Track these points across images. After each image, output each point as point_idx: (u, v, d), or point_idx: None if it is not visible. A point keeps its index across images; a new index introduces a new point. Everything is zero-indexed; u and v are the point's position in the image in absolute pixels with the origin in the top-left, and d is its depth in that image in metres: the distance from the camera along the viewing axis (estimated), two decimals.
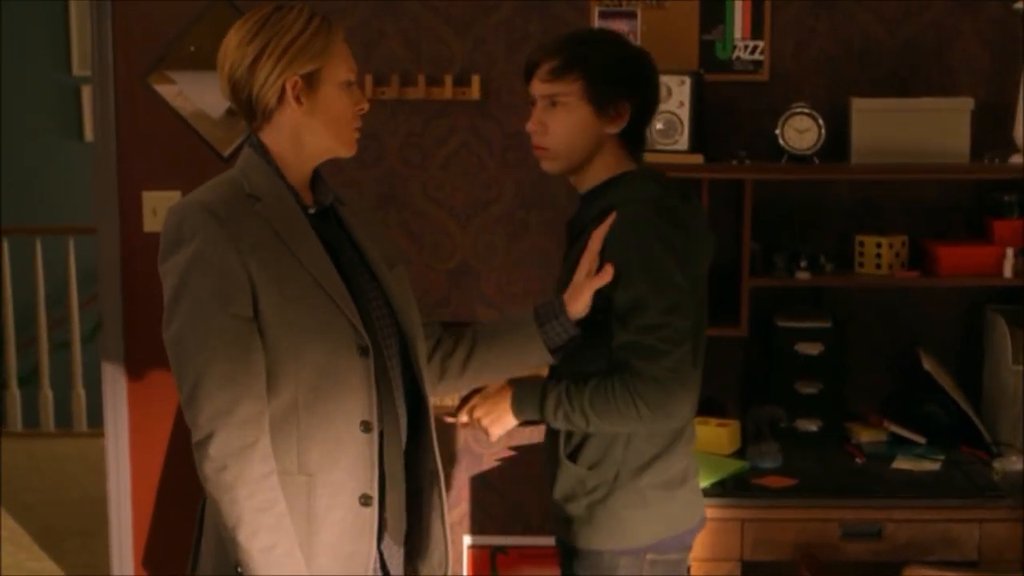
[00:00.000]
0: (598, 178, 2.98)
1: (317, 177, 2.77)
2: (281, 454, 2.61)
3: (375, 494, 2.68)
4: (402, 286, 2.81)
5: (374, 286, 2.76)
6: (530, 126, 2.97)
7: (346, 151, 2.75)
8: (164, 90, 4.28)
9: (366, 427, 2.65)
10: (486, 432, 3.02)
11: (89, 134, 8.29)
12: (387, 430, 2.71)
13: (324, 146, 2.71)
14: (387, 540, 2.76)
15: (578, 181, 3.02)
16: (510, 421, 2.99)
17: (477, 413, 3.02)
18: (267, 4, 2.69)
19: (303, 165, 2.71)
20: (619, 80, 2.91)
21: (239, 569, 2.59)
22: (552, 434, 3.06)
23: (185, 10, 4.22)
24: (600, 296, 2.86)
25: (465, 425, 3.09)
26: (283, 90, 2.63)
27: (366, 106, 2.75)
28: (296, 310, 2.59)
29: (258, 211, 2.61)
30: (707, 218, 3.14)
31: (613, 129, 2.94)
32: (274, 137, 2.68)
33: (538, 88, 2.94)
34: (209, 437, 2.54)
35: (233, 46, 2.66)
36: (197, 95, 4.27)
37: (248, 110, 2.68)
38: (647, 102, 2.98)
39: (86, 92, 8.38)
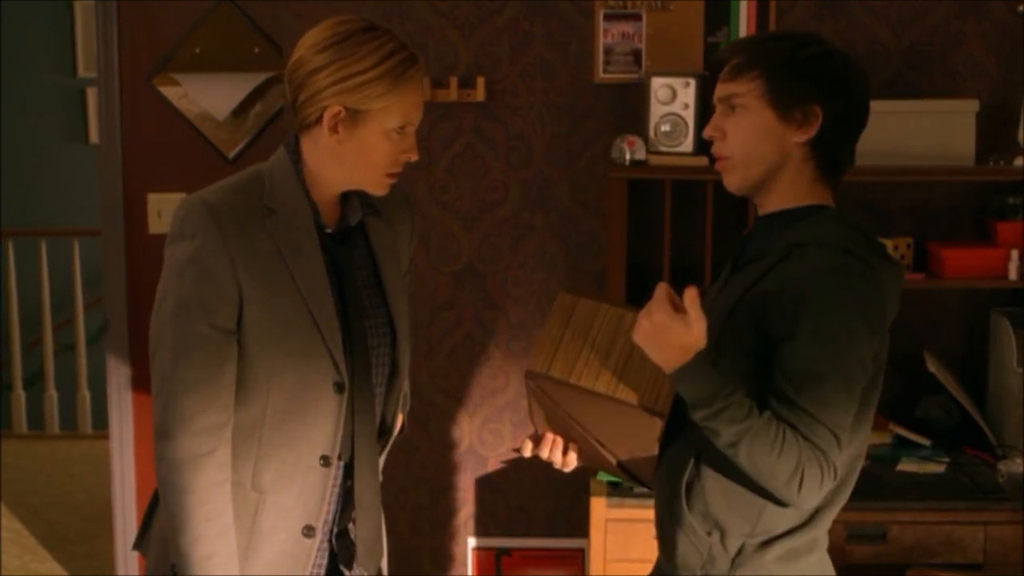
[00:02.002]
0: (785, 201, 2.54)
1: (350, 193, 2.69)
2: (239, 464, 2.61)
3: (319, 527, 2.67)
4: (403, 312, 2.76)
5: (382, 312, 2.72)
6: (707, 131, 2.57)
7: (373, 191, 2.64)
8: (169, 92, 4.29)
9: (325, 461, 2.64)
10: (633, 338, 2.41)
11: (94, 136, 8.30)
12: (361, 462, 2.69)
13: (349, 179, 2.62)
14: (356, 569, 2.77)
15: (761, 201, 2.57)
16: (666, 362, 2.37)
17: (641, 333, 2.38)
18: (361, 20, 2.60)
19: (328, 186, 2.64)
20: (804, 78, 2.47)
21: (174, 569, 2.60)
22: (670, 486, 2.59)
23: (190, 12, 4.23)
24: (752, 324, 2.46)
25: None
26: (323, 112, 2.55)
27: (414, 156, 2.61)
28: (279, 332, 2.57)
29: (267, 225, 2.57)
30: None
31: (801, 137, 2.49)
32: (309, 148, 2.62)
33: (718, 89, 2.54)
34: (168, 438, 2.55)
35: (307, 45, 2.58)
36: (202, 97, 4.27)
37: (291, 110, 2.62)
38: (844, 110, 2.50)
39: (91, 94, 8.39)
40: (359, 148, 2.57)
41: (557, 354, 2.53)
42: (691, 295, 2.38)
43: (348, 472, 2.71)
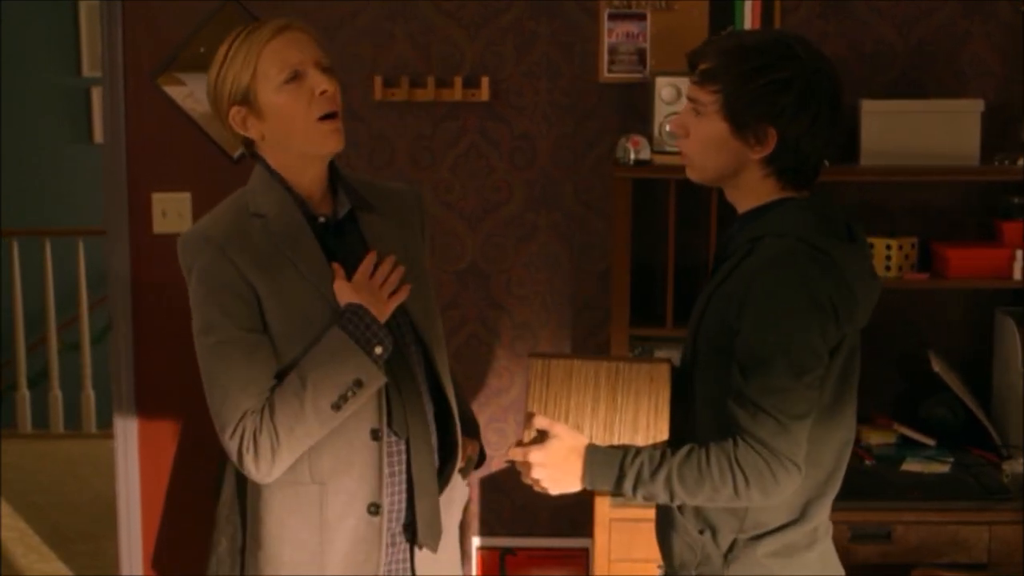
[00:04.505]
0: (748, 203, 2.57)
1: (339, 184, 2.73)
2: (294, 463, 2.62)
3: (383, 503, 2.67)
4: (420, 295, 2.77)
5: None
6: (672, 126, 2.63)
7: (323, 147, 2.64)
8: (174, 91, 4.29)
9: (375, 435, 2.65)
10: (541, 488, 2.59)
11: (98, 136, 8.31)
12: (415, 438, 2.70)
13: (297, 153, 2.66)
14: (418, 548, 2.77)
15: (731, 198, 2.62)
16: (575, 488, 2.56)
17: (537, 473, 2.56)
18: None
19: (303, 174, 2.68)
20: (760, 101, 2.45)
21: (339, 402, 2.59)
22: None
23: (195, 11, 4.23)
24: (720, 321, 2.50)
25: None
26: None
27: (327, 87, 2.60)
28: (301, 322, 2.60)
29: (259, 228, 2.62)
30: (870, 262, 2.64)
31: (756, 154, 2.50)
32: (266, 153, 2.69)
33: (688, 88, 2.56)
34: (241, 443, 2.57)
35: None
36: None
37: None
38: (804, 130, 2.48)
39: (95, 94, 8.40)
40: (273, 121, 2.62)
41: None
42: (533, 422, 2.57)
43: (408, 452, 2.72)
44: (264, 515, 2.70)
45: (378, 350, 2.58)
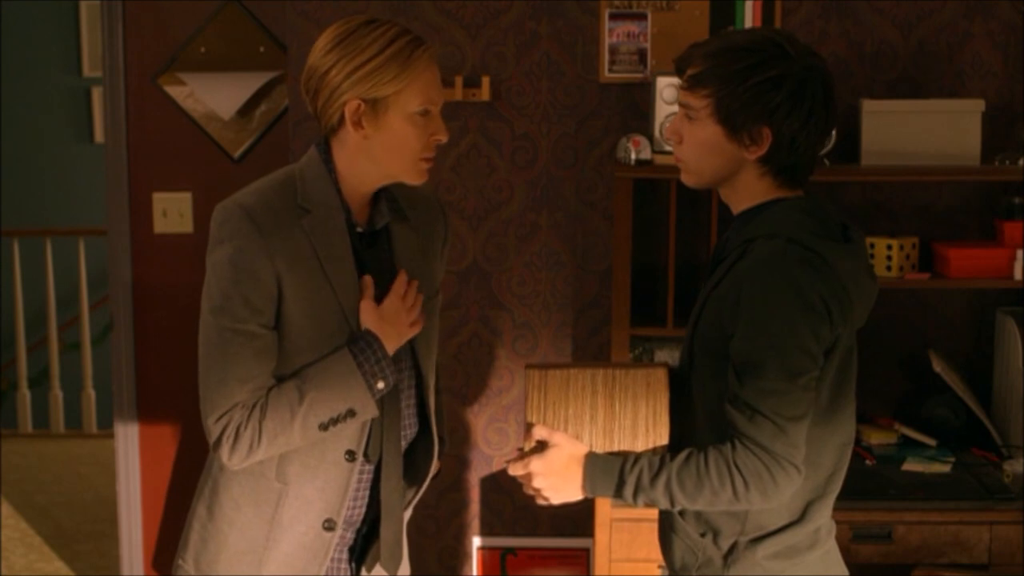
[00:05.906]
0: (743, 203, 2.58)
1: (380, 194, 2.71)
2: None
3: (339, 521, 2.69)
4: (429, 322, 2.77)
5: None
6: (667, 133, 2.62)
7: (410, 179, 2.65)
8: (175, 91, 4.29)
9: (351, 456, 2.66)
10: (543, 499, 2.62)
11: (100, 136, 8.32)
12: (388, 463, 2.71)
13: (384, 173, 2.64)
14: (377, 569, 2.79)
15: (726, 199, 2.62)
16: (576, 496, 2.59)
17: (538, 483, 2.59)
18: (363, 16, 2.62)
19: (362, 184, 2.66)
20: (753, 102, 2.46)
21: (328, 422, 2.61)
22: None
23: (196, 12, 4.23)
24: (715, 323, 2.51)
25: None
26: (344, 110, 2.58)
27: (444, 137, 2.63)
28: (314, 330, 2.60)
29: (303, 224, 2.59)
30: (869, 263, 2.65)
31: (752, 155, 2.50)
32: (339, 149, 2.64)
33: (679, 93, 2.57)
34: (224, 430, 2.57)
35: (315, 51, 2.60)
36: (208, 96, 4.28)
37: (315, 118, 2.65)
38: (798, 128, 2.48)
39: (97, 94, 8.40)
40: (387, 138, 2.58)
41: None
42: (533, 432, 2.59)
43: (378, 473, 2.73)
44: (222, 493, 2.72)
45: (380, 385, 2.60)
